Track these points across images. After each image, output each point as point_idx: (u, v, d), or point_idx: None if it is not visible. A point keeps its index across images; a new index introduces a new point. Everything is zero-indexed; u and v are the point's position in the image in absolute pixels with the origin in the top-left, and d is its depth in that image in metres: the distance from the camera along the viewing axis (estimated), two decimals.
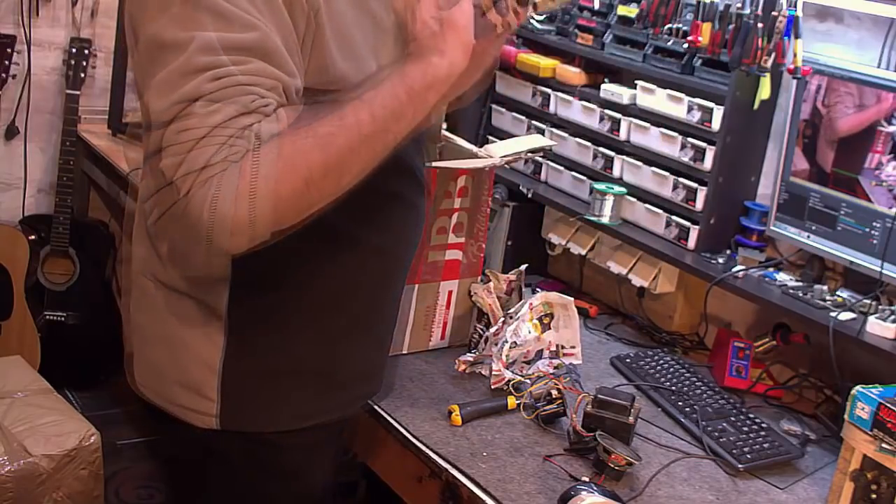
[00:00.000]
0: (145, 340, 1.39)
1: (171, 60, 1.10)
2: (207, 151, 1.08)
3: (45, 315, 3.15)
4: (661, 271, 2.28)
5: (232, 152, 1.08)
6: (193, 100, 1.09)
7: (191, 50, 1.10)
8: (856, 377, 1.76)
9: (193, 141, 1.08)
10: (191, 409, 1.35)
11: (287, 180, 1.10)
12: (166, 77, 1.10)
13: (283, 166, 1.10)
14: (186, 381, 1.34)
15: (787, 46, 1.96)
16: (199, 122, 1.08)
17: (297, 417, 1.38)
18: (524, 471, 1.64)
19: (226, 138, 1.08)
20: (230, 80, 1.10)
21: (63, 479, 2.43)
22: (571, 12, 2.45)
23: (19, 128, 3.23)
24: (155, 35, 1.13)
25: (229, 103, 1.09)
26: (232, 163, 1.08)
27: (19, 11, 3.12)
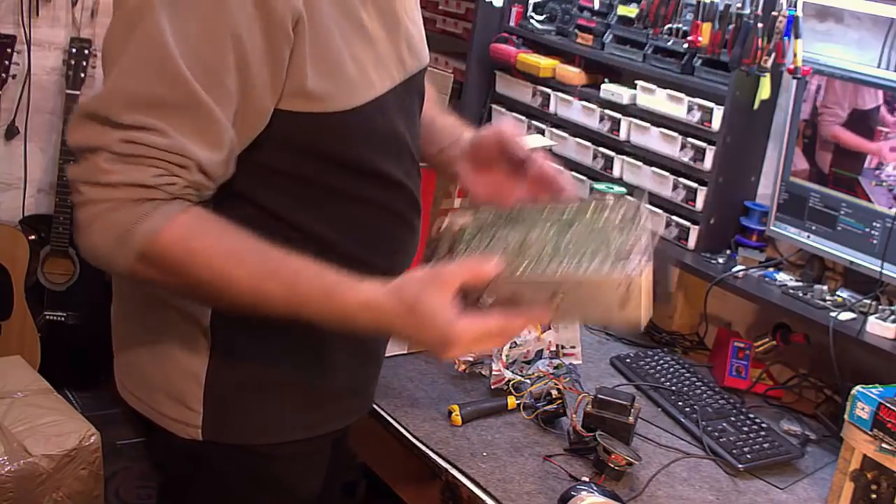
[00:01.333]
0: (130, 347, 1.37)
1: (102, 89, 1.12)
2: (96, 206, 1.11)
3: (45, 315, 3.15)
4: None
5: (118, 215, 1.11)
6: (101, 149, 1.10)
7: (117, 94, 1.10)
8: (856, 377, 1.76)
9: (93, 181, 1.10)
10: (175, 420, 1.32)
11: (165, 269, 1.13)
12: (90, 104, 1.12)
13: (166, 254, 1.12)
14: (170, 390, 1.31)
15: (787, 46, 1.96)
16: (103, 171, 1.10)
17: (283, 430, 1.35)
18: (524, 471, 1.64)
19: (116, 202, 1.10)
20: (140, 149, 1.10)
21: (63, 479, 2.43)
22: (571, 12, 2.45)
23: (19, 128, 3.23)
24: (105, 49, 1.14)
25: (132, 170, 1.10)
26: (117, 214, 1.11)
27: (19, 11, 3.12)
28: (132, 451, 3.03)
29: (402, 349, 1.97)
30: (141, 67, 1.10)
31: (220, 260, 1.13)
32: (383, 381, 1.85)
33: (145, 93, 1.10)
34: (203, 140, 1.12)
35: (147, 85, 1.10)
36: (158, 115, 1.10)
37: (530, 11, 2.55)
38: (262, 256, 1.14)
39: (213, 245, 1.14)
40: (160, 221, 1.11)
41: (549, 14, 2.52)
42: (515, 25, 2.58)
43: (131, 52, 1.10)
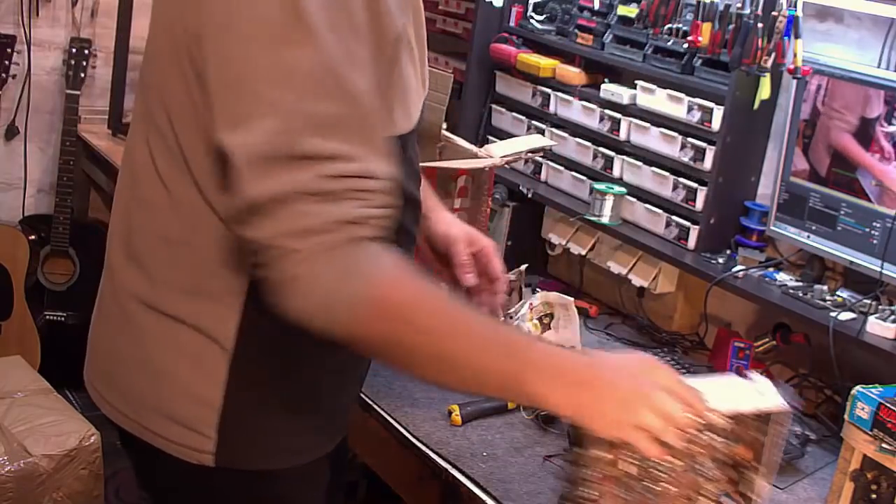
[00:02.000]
0: (123, 365, 1.27)
1: (268, 123, 0.99)
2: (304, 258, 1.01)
3: (45, 315, 3.15)
4: (661, 271, 2.28)
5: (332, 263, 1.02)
6: (294, 192, 1.00)
7: (291, 123, 0.99)
8: (856, 377, 1.76)
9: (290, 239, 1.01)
10: (183, 446, 1.24)
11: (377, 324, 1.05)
12: (259, 146, 1.00)
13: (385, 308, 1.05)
14: (175, 414, 1.23)
15: (787, 46, 1.96)
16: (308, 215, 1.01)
17: (294, 454, 1.31)
18: (524, 471, 1.64)
19: (326, 247, 1.01)
20: (339, 184, 1.01)
21: (63, 479, 2.43)
22: (571, 12, 2.45)
23: (19, 128, 3.23)
24: (245, 75, 1.01)
25: (339, 206, 1.01)
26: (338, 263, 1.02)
27: (19, 11, 3.12)
28: None
29: None
30: (311, 87, 1.00)
31: (445, 306, 1.09)
32: (383, 381, 1.85)
33: (322, 114, 1.01)
34: (379, 155, 1.06)
35: (323, 105, 1.01)
36: (339, 137, 1.02)
37: (530, 11, 2.54)
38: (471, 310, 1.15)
39: (430, 292, 1.09)
40: (386, 264, 1.05)
41: (549, 14, 2.52)
42: (515, 25, 2.58)
43: (297, 73, 1.00)
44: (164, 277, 1.20)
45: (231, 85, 1.03)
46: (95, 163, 3.21)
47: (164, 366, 1.22)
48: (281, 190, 1.00)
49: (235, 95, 1.02)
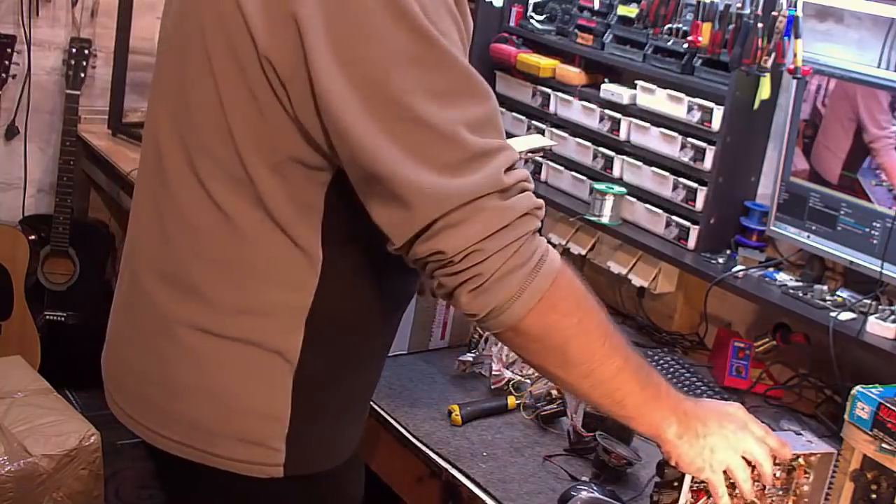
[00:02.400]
0: (179, 394, 1.24)
1: (432, 139, 1.05)
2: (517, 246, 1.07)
3: (45, 315, 3.15)
4: (661, 271, 2.28)
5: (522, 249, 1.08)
6: (493, 190, 1.06)
7: (459, 130, 1.05)
8: (856, 377, 1.75)
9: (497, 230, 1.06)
10: (249, 462, 1.24)
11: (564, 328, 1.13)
12: (444, 157, 1.05)
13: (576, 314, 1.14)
14: (243, 433, 1.22)
15: (787, 46, 1.96)
16: (507, 213, 1.06)
17: (349, 449, 1.36)
18: (524, 471, 1.64)
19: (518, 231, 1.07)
20: (517, 175, 1.08)
21: (63, 479, 2.43)
22: (571, 12, 2.45)
23: (19, 128, 3.23)
24: (393, 92, 1.04)
25: (523, 198, 1.08)
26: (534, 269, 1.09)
27: (19, 11, 3.13)
28: (132, 451, 3.03)
29: (402, 349, 1.97)
30: (450, 93, 1.06)
31: (599, 312, 1.17)
32: (384, 381, 1.85)
33: (472, 117, 1.07)
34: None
35: (467, 108, 1.07)
36: (491, 132, 1.09)
37: (530, 11, 2.54)
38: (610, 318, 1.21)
39: (588, 293, 1.16)
40: (556, 257, 1.12)
41: (549, 14, 2.52)
42: (515, 25, 2.58)
43: (431, 83, 1.05)
44: (223, 301, 1.20)
45: (380, 113, 1.04)
46: (95, 163, 3.21)
47: (226, 387, 1.22)
48: (466, 192, 1.04)
49: (390, 122, 1.04)
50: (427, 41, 1.05)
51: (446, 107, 1.05)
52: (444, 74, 1.06)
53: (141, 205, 1.29)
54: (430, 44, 1.05)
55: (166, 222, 1.22)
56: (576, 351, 1.14)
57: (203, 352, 1.21)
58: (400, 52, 1.04)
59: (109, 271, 3.30)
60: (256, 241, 1.17)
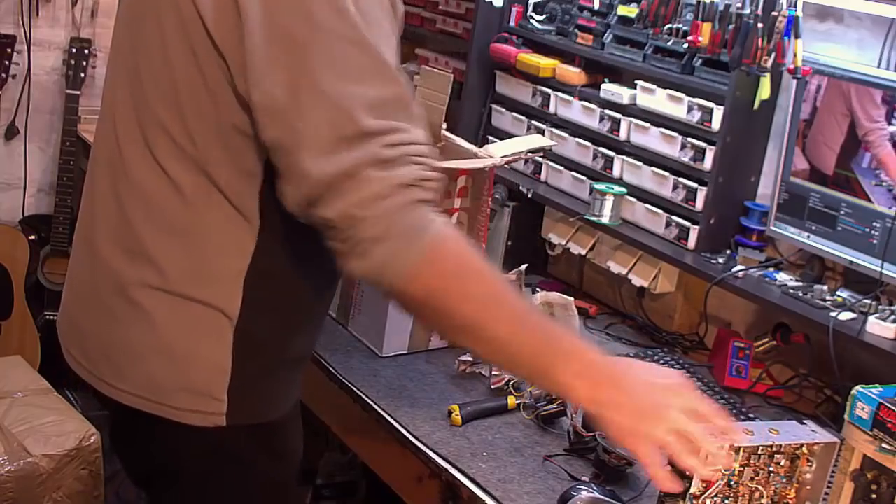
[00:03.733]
0: (136, 355, 1.33)
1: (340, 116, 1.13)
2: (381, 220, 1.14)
3: (45, 315, 3.15)
4: (661, 271, 2.28)
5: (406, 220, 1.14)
6: (362, 165, 1.13)
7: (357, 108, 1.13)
8: (856, 377, 1.75)
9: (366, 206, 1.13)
10: (194, 411, 1.33)
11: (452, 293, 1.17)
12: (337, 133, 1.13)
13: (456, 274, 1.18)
14: (191, 384, 1.32)
15: (787, 46, 1.96)
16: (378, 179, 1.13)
17: (287, 403, 1.42)
18: (524, 471, 1.64)
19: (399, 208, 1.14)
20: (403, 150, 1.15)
21: (63, 479, 2.43)
22: (571, 12, 2.45)
23: (19, 128, 3.23)
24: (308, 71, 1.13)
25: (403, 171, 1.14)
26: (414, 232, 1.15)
27: (19, 11, 3.13)
28: None
29: (402, 349, 1.97)
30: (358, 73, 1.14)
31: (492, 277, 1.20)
32: (384, 381, 1.85)
33: (373, 97, 1.14)
34: (419, 125, 1.19)
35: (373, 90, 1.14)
36: (390, 115, 1.15)
37: (530, 11, 2.54)
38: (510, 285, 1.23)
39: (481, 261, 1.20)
40: (443, 226, 1.17)
41: (549, 14, 2.52)
42: (515, 25, 2.58)
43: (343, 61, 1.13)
44: (171, 264, 1.28)
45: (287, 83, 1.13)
46: None
47: (176, 342, 1.31)
48: (348, 165, 1.12)
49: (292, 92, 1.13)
50: (348, 22, 1.13)
51: (350, 84, 1.13)
52: (358, 54, 1.14)
53: (97, 175, 1.38)
54: (349, 25, 1.13)
55: (120, 192, 1.31)
56: (464, 316, 1.18)
57: (154, 310, 1.30)
58: (322, 29, 1.12)
59: None
60: (200, 206, 1.25)
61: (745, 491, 1.41)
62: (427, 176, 1.17)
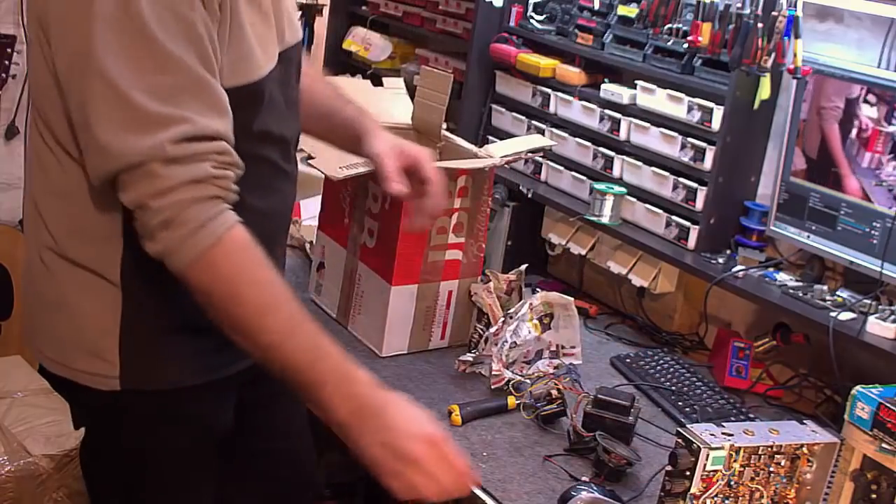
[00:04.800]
0: (43, 309, 1.42)
1: (117, 97, 1.18)
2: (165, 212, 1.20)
3: None
4: (661, 271, 2.28)
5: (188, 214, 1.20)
6: (156, 159, 1.19)
7: (140, 93, 1.18)
8: (856, 377, 1.75)
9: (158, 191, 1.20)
10: (92, 374, 1.39)
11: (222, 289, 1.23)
12: (118, 116, 1.19)
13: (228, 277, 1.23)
14: (86, 346, 1.38)
15: (787, 46, 1.96)
16: (165, 177, 1.19)
17: (191, 372, 1.43)
18: (524, 471, 1.64)
19: (183, 203, 1.20)
20: (186, 148, 1.19)
21: (63, 479, 2.43)
22: (571, 12, 2.45)
23: (19, 128, 3.23)
24: (90, 56, 1.18)
25: (189, 168, 1.20)
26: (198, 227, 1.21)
27: (19, 11, 3.12)
28: None
29: (402, 349, 1.97)
30: (138, 61, 1.18)
31: (268, 286, 1.25)
32: (384, 382, 1.84)
33: (156, 84, 1.19)
34: (216, 112, 1.24)
35: (154, 76, 1.18)
36: (175, 102, 1.20)
37: (530, 11, 2.54)
38: (293, 301, 1.26)
39: (258, 266, 1.25)
40: (222, 227, 1.22)
41: (549, 14, 2.52)
42: (515, 25, 2.58)
43: (123, 51, 1.18)
44: (60, 228, 1.37)
45: (74, 71, 1.21)
46: None
47: (74, 304, 1.38)
48: (137, 156, 1.19)
49: (79, 79, 1.20)
50: (130, 12, 1.17)
51: (134, 71, 1.18)
52: (141, 43, 1.18)
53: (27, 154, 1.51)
54: (132, 15, 1.17)
55: (32, 167, 1.42)
56: (231, 317, 1.24)
57: (58, 272, 1.38)
58: (107, 19, 1.17)
59: None
60: (72, 176, 1.32)
61: (745, 491, 1.41)
62: (217, 174, 1.22)
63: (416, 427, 1.24)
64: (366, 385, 1.25)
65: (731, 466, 1.39)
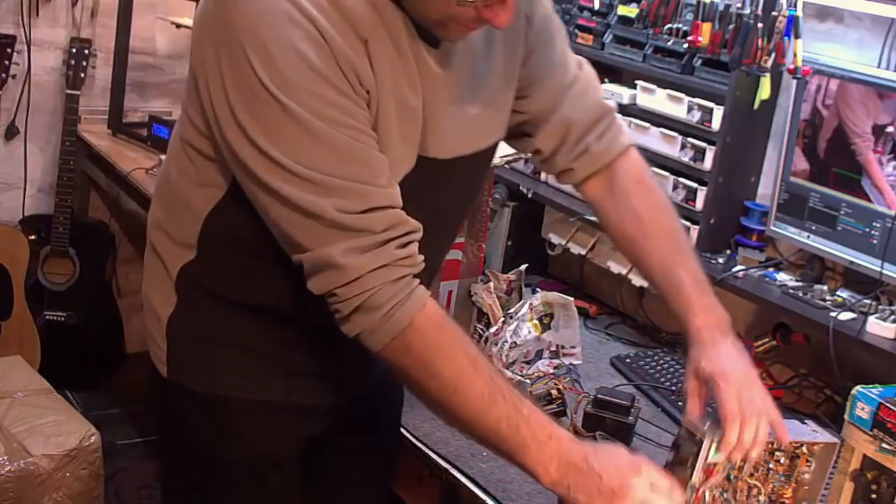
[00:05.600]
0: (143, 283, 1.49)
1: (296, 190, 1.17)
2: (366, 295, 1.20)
3: (45, 315, 3.15)
4: None
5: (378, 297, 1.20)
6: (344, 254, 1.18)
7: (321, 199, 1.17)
8: (856, 377, 1.75)
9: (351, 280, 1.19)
10: (153, 354, 1.45)
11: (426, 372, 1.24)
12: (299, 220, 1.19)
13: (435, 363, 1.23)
14: (150, 326, 1.44)
15: (787, 46, 1.96)
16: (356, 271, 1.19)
17: (235, 386, 1.42)
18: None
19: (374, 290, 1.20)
20: (376, 239, 1.19)
21: (63, 479, 2.43)
22: (571, 12, 2.45)
23: (19, 128, 3.23)
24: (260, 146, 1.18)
25: (379, 253, 1.20)
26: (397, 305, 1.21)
27: (19, 11, 3.12)
28: (132, 451, 3.03)
29: None
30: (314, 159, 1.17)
31: (463, 358, 1.23)
32: None
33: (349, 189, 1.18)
34: (384, 180, 1.22)
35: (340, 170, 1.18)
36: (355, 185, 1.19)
37: None
38: (491, 371, 1.25)
39: (455, 341, 1.25)
40: (414, 308, 1.22)
41: None
42: None
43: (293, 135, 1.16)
44: (154, 212, 1.44)
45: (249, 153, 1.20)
46: (95, 163, 3.21)
47: (148, 287, 1.45)
48: (324, 256, 1.19)
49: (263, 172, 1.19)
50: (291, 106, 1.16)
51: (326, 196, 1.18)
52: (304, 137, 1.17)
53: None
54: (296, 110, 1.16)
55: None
56: (428, 392, 1.25)
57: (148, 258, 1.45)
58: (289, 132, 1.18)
59: (109, 271, 3.29)
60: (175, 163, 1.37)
61: (743, 486, 1.41)
62: (401, 255, 1.21)
63: (621, 461, 1.24)
64: (566, 441, 1.25)
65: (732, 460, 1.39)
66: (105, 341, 3.24)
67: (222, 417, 1.42)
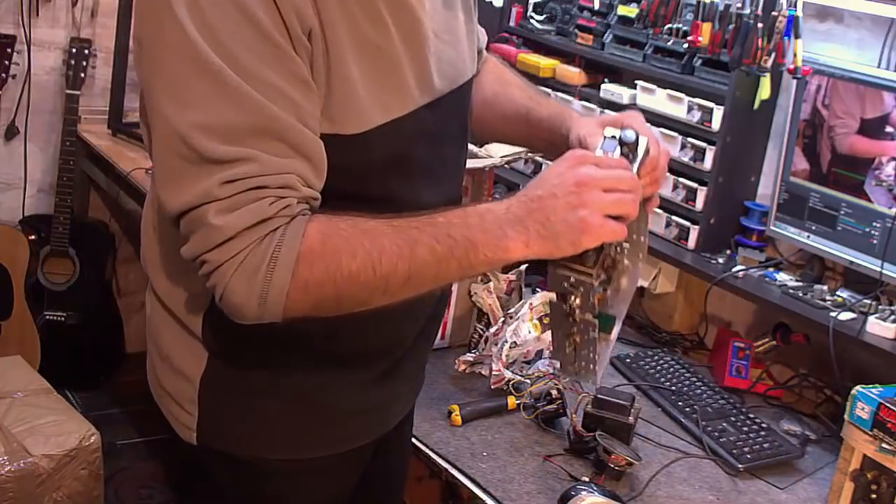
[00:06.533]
0: (150, 342, 1.37)
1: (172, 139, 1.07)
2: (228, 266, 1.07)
3: (45, 315, 3.15)
4: (661, 271, 2.27)
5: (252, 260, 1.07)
6: (206, 202, 1.06)
7: (195, 134, 1.05)
8: (856, 377, 1.76)
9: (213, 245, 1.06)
10: (175, 419, 1.32)
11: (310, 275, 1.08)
12: (173, 163, 1.08)
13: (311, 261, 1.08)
14: (172, 389, 1.31)
15: (787, 46, 1.96)
16: (218, 228, 1.06)
17: (279, 447, 1.30)
18: (524, 471, 1.64)
19: (245, 250, 1.06)
20: (242, 185, 1.06)
21: (63, 479, 2.43)
22: (571, 12, 2.45)
23: (19, 128, 3.23)
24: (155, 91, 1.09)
25: (244, 213, 1.06)
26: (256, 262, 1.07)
27: (19, 11, 3.12)
28: (132, 451, 3.03)
29: None
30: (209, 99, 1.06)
31: (363, 243, 1.09)
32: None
33: (221, 123, 1.06)
34: (294, 152, 1.09)
35: (221, 114, 1.06)
36: (243, 142, 1.06)
37: (530, 11, 2.54)
38: (391, 225, 1.11)
39: (350, 235, 1.10)
40: (294, 242, 1.07)
41: (549, 14, 2.52)
42: (515, 25, 2.58)
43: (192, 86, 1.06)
44: (156, 268, 1.31)
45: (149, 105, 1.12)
46: (95, 163, 3.21)
47: (166, 345, 1.32)
48: (189, 204, 1.06)
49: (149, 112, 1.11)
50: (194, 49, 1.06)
51: (189, 108, 1.06)
52: (199, 78, 1.06)
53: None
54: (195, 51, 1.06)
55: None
56: (351, 298, 1.11)
57: (155, 308, 1.33)
58: (165, 48, 1.07)
59: (109, 271, 3.29)
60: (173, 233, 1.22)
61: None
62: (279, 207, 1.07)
63: (559, 168, 1.13)
64: (497, 204, 1.12)
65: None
66: (105, 341, 3.24)
67: (258, 484, 1.32)
